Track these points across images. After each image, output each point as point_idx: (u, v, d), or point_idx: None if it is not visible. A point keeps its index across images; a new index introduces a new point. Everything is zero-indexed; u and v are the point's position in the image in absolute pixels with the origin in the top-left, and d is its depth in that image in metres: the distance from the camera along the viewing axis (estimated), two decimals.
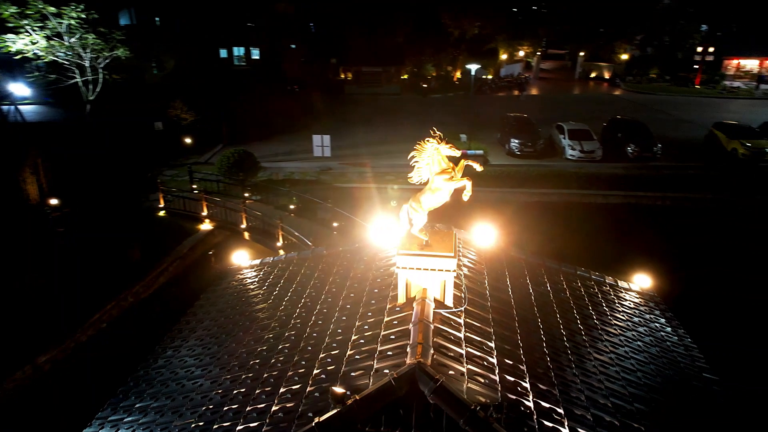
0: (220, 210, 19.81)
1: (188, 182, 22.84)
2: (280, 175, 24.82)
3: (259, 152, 24.83)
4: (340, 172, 26.58)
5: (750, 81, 48.81)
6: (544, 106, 42.91)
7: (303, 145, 29.94)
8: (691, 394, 6.68)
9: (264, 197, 22.04)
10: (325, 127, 31.08)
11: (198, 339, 7.49)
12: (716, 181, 24.51)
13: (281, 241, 17.42)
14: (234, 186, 22.38)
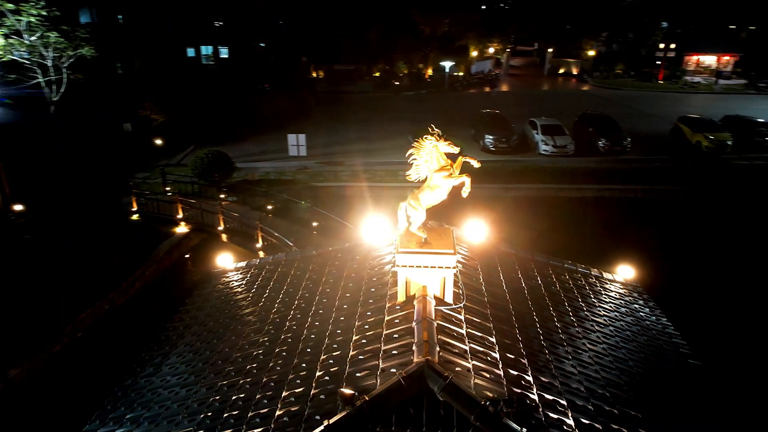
0: (195, 212, 19.38)
1: (161, 184, 22.26)
2: (255, 176, 24.44)
3: (233, 152, 24.40)
4: (317, 171, 26.37)
5: (709, 76, 50.64)
6: (515, 102, 43.52)
7: (277, 145, 29.59)
8: (678, 380, 6.89)
9: (240, 198, 21.68)
10: (299, 126, 30.76)
11: (188, 345, 7.30)
12: (684, 173, 25.32)
13: (260, 242, 17.17)
14: (209, 187, 21.94)
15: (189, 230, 19.41)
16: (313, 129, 29.74)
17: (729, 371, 7.66)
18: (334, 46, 49.83)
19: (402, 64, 54.00)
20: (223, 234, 18.54)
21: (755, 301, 14.93)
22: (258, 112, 37.70)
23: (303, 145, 26.48)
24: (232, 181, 22.89)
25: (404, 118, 37.53)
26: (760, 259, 18.32)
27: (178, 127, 30.53)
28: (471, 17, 64.15)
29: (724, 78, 49.83)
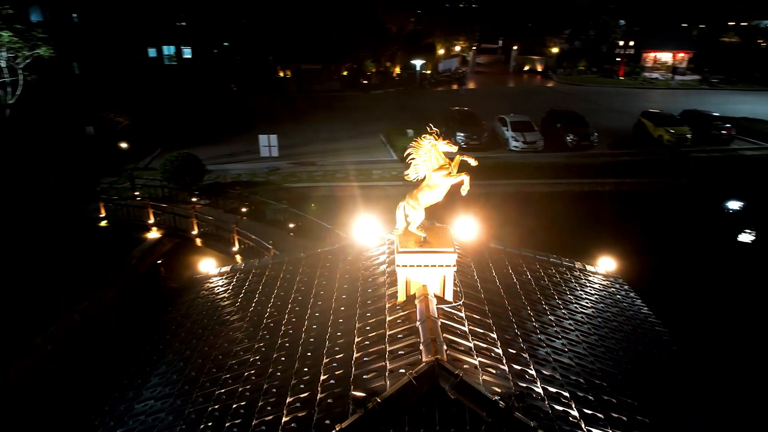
0: (167, 217, 18.88)
1: (129, 189, 21.60)
2: (227, 178, 23.96)
3: (202, 155, 23.83)
4: (290, 172, 26.08)
5: (666, 72, 52.55)
6: (483, 99, 44.10)
7: (247, 146, 29.15)
8: (664, 367, 7.13)
9: (213, 201, 21.23)
10: (268, 126, 30.33)
11: (176, 354, 7.11)
12: (649, 166, 26.22)
13: (237, 245, 16.87)
14: (180, 191, 21.41)
15: (161, 235, 18.91)
16: (282, 129, 29.37)
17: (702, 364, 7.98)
18: (301, 45, 49.35)
19: (370, 63, 53.99)
20: (198, 238, 18.14)
21: (731, 295, 15.46)
22: (226, 114, 37.05)
23: (275, 145, 26.16)
24: (204, 184, 22.39)
25: (375, 117, 37.54)
26: (732, 250, 19.25)
27: (144, 129, 29.66)
28: (436, 15, 64.78)
29: (679, 74, 51.80)
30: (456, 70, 58.35)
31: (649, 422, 5.25)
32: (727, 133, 29.09)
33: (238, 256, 16.69)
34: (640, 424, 5.19)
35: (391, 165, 27.41)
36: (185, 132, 30.58)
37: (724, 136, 29.04)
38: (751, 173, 25.65)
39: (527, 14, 61.60)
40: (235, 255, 16.70)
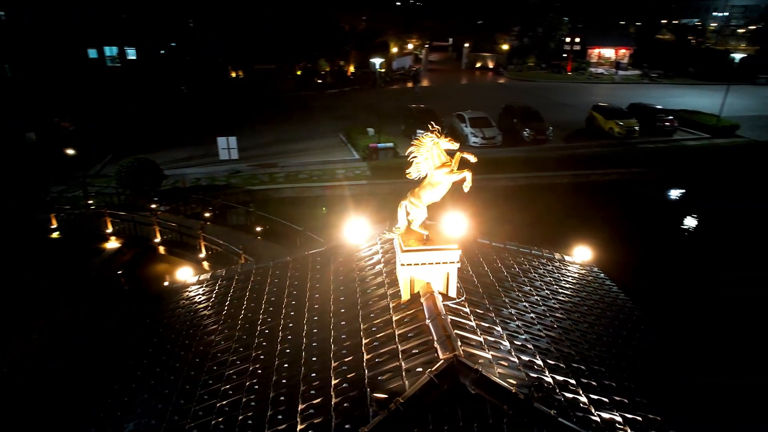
0: (126, 225, 18.07)
1: (82, 198, 20.51)
2: (186, 182, 23.17)
3: (157, 159, 22.99)
4: (251, 174, 25.51)
5: (610, 68, 54.96)
6: (438, 96, 44.67)
7: (203, 149, 28.34)
8: (646, 351, 7.45)
9: (173, 207, 20.50)
10: (223, 128, 29.51)
11: (165, 368, 6.81)
12: (603, 158, 27.31)
13: (204, 252, 16.35)
14: (137, 197, 20.54)
15: (121, 245, 18.07)
16: (238, 131, 28.67)
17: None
18: (253, 45, 48.38)
19: (324, 63, 53.57)
20: (161, 246, 17.45)
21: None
22: (177, 116, 35.84)
23: (234, 147, 25.53)
24: (163, 190, 21.57)
25: (332, 116, 37.30)
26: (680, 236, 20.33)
27: (93, 134, 28.25)
28: (387, 14, 64.97)
29: (622, 69, 54.32)
30: (410, 68, 58.81)
31: (647, 402, 5.48)
32: (671, 125, 30.76)
33: (206, 263, 16.19)
34: (639, 405, 5.41)
35: (354, 164, 27.31)
36: (138, 136, 29.38)
37: (668, 128, 30.69)
38: (694, 162, 27.20)
39: (476, 12, 62.78)
40: (202, 262, 16.19)
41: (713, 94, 43.08)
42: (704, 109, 34.67)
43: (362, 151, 28.10)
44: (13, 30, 44.89)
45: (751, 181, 25.34)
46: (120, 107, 35.11)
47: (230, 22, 49.31)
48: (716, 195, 24.67)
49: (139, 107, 34.07)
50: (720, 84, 45.59)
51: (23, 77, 44.48)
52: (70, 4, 46.65)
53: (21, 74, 45.35)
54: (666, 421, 5.37)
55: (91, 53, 53.30)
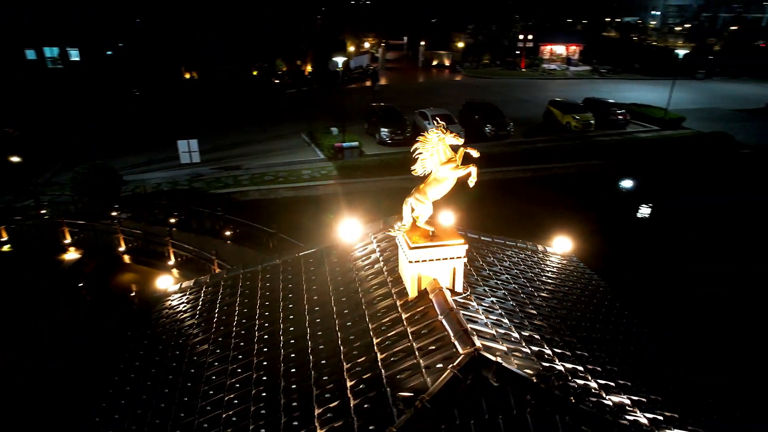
0: (87, 234, 17.25)
1: (34, 207, 19.39)
2: (147, 188, 22.31)
3: (113, 165, 22.04)
4: (214, 178, 24.86)
5: (562, 64, 56.80)
6: (398, 94, 44.90)
7: (162, 153, 27.41)
8: (631, 335, 7.75)
9: (135, 214, 19.70)
10: (181, 131, 28.59)
11: (156, 381, 6.53)
12: (562, 151, 28.19)
13: (173, 258, 15.81)
14: (96, 205, 19.59)
15: (81, 255, 17.23)
16: (197, 133, 27.90)
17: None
18: (207, 45, 47.09)
19: (280, 62, 52.81)
20: (126, 255, 16.75)
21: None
22: (132, 120, 34.45)
23: (195, 151, 24.80)
24: (123, 196, 20.68)
25: (293, 116, 36.86)
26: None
27: (41, 141, 26.74)
28: (342, 12, 64.76)
29: (573, 65, 56.24)
30: (367, 66, 58.80)
31: (647, 384, 5.70)
32: (623, 118, 32.11)
33: (176, 270, 15.66)
34: (641, 387, 5.61)
35: (320, 164, 27.09)
36: (90, 141, 28.06)
37: (621, 121, 32.02)
38: (649, 154, 28.50)
39: (432, 10, 63.54)
40: (172, 269, 15.64)
41: (658, 89, 45.27)
42: (651, 103, 36.38)
43: (327, 150, 27.90)
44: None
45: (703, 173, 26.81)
46: (66, 111, 33.33)
47: (181, 22, 47.81)
48: (671, 186, 25.96)
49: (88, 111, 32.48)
50: (663, 79, 48.04)
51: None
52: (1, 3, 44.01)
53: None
54: (666, 401, 5.60)
55: (29, 54, 50.49)
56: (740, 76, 53.73)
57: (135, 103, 40.70)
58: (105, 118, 34.44)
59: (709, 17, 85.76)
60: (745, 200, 23.92)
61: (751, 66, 54.61)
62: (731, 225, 21.68)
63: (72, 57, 51.88)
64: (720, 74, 53.19)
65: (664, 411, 5.39)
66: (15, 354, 12.24)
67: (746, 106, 40.16)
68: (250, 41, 48.35)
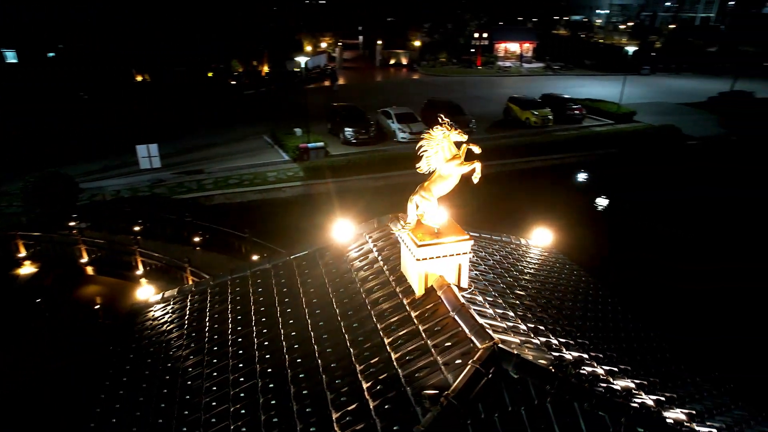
0: (43, 247, 16.33)
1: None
2: (107, 196, 21.36)
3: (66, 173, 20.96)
4: (176, 183, 24.07)
5: (516, 61, 58.23)
6: (358, 94, 44.81)
7: (119, 158, 26.30)
8: (618, 323, 8.04)
9: (94, 223, 18.80)
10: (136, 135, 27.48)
11: (150, 397, 6.26)
12: (525, 147, 28.87)
13: (141, 268, 15.19)
14: (51, 215, 18.57)
15: (38, 269, 16.30)
16: (154, 137, 26.93)
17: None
18: (157, 47, 45.45)
19: (236, 63, 51.67)
20: (88, 266, 15.97)
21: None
22: (82, 125, 32.86)
23: (156, 156, 23.91)
24: (81, 205, 19.71)
25: (253, 118, 36.16)
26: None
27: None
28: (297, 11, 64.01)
29: (526, 62, 57.76)
30: (325, 66, 58.37)
31: (644, 368, 5.92)
32: (579, 113, 33.25)
33: (145, 280, 15.06)
34: (639, 370, 5.83)
35: (285, 166, 26.70)
36: (37, 148, 26.57)
37: (577, 116, 33.15)
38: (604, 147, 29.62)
39: (387, 9, 63.68)
40: (140, 279, 15.03)
41: (607, 84, 47.14)
42: (603, 98, 37.85)
43: (292, 152, 27.52)
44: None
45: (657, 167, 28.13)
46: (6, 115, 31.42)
47: (128, 23, 45.96)
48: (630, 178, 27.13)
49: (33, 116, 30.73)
50: (612, 74, 50.04)
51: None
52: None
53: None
54: (663, 383, 5.83)
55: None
56: (681, 72, 56.74)
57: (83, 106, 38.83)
58: (52, 122, 32.69)
59: (649, 16, 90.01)
60: (707, 192, 25.14)
61: (689, 62, 57.77)
62: (697, 217, 22.73)
63: (8, 59, 49.03)
64: (663, 70, 55.96)
65: (664, 392, 5.62)
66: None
67: (689, 99, 42.41)
68: (204, 42, 47.03)
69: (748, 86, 41.87)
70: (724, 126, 34.77)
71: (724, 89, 41.31)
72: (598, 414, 4.39)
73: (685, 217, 22.67)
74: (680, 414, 5.20)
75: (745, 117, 35.45)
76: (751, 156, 29.58)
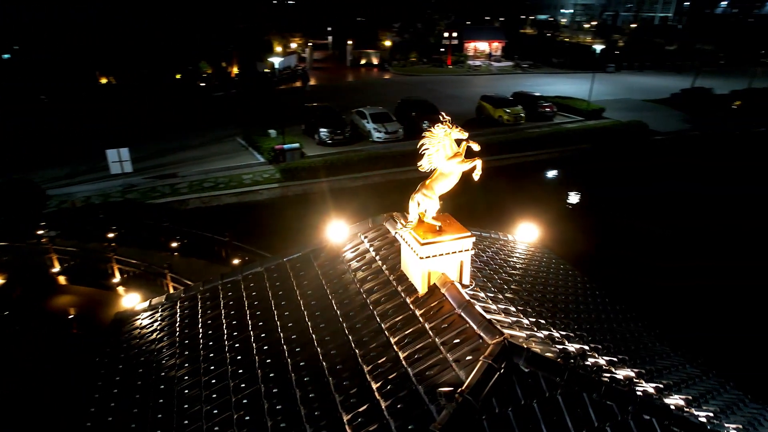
0: (10, 256, 15.69)
1: None
2: (77, 202, 20.65)
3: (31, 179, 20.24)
4: (149, 188, 23.46)
5: (486, 60, 58.98)
6: (329, 94, 44.58)
7: (86, 164, 25.48)
8: (608, 312, 8.23)
9: (65, 231, 18.16)
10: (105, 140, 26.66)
11: (149, 408, 6.08)
12: (499, 145, 29.23)
13: (118, 276, 14.75)
14: (17, 224, 17.84)
15: (5, 280, 15.63)
16: (123, 141, 26.18)
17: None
18: (123, 45, 44.20)
19: (205, 64, 50.70)
20: (61, 276, 15.41)
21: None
22: (44, 129, 31.68)
23: (127, 160, 23.24)
24: (49, 212, 19.00)
25: (225, 120, 35.55)
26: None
27: None
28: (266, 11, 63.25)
29: (495, 61, 58.58)
30: (296, 67, 57.86)
31: (640, 357, 6.08)
32: (550, 110, 33.91)
33: (122, 288, 14.63)
34: (636, 359, 5.97)
35: (261, 168, 26.36)
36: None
37: (549, 113, 33.79)
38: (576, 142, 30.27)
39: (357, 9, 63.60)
40: (117, 287, 14.60)
41: (575, 81, 48.22)
42: (572, 95, 38.71)
43: (267, 153, 27.18)
44: None
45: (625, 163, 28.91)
46: None
47: (90, 23, 44.56)
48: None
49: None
50: (579, 72, 51.21)
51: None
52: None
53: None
54: (658, 371, 6.00)
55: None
56: (644, 69, 58.56)
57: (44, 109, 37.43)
58: (12, 127, 31.41)
59: (612, 15, 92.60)
60: (676, 188, 25.93)
61: (651, 60, 59.70)
62: (668, 213, 23.37)
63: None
64: (627, 68, 57.65)
65: (660, 380, 5.78)
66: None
67: (653, 96, 43.80)
68: (169, 43, 45.97)
69: (708, 83, 43.51)
70: (689, 121, 36.10)
71: (686, 86, 42.83)
72: (606, 403, 4.48)
73: (657, 213, 23.33)
74: (679, 400, 5.36)
75: (708, 113, 36.86)
76: (714, 151, 30.77)
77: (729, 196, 24.53)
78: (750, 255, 18.56)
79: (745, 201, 24.18)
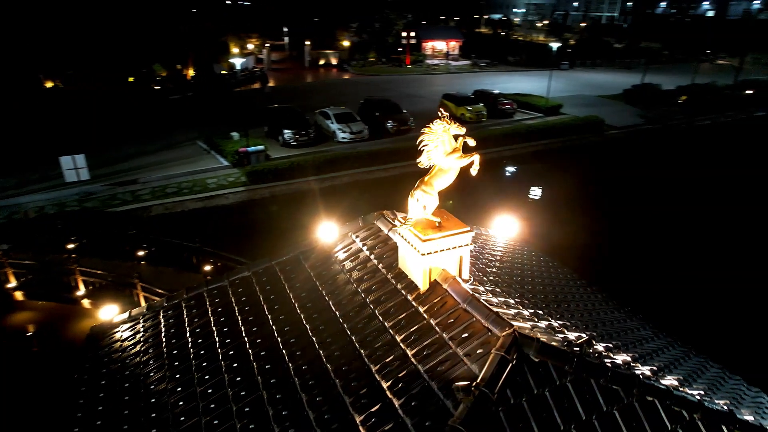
0: None
1: None
2: (30, 213, 19.57)
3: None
4: (108, 195, 22.53)
5: (444, 59, 59.71)
6: (289, 95, 44.09)
7: (36, 172, 24.18)
8: (595, 303, 8.47)
9: (16, 243, 17.17)
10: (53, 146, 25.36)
11: (140, 427, 5.82)
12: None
13: (83, 288, 14.07)
14: None
15: None
16: (77, 148, 25.00)
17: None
18: (71, 47, 42.18)
19: (159, 67, 49.10)
20: (17, 291, 14.56)
21: None
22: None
23: (83, 167, 22.20)
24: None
25: (181, 123, 34.55)
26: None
27: None
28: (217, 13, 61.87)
29: (453, 60, 59.40)
30: (253, 68, 56.85)
31: (634, 342, 6.28)
32: (511, 107, 34.67)
33: (87, 301, 13.97)
34: (629, 344, 6.17)
35: (225, 171, 25.77)
36: None
37: (509, 110, 34.54)
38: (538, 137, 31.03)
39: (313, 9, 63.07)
40: (82, 300, 13.92)
41: (531, 79, 49.49)
42: (530, 92, 39.72)
43: (231, 156, 26.59)
44: None
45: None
46: None
47: (34, 23, 42.28)
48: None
49: None
50: (535, 70, 52.57)
51: None
52: None
53: None
54: (651, 355, 6.21)
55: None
56: (596, 66, 60.77)
57: None
58: None
59: (562, 15, 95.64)
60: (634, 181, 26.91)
61: (602, 58, 62.02)
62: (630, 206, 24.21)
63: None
64: (580, 65, 59.66)
65: (653, 362, 5.99)
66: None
67: (606, 92, 45.54)
68: (118, 44, 44.23)
69: (656, 79, 45.59)
70: (642, 116, 37.70)
71: (636, 82, 44.72)
72: (613, 388, 4.61)
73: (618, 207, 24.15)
74: (673, 381, 5.57)
75: (657, 107, 38.59)
76: (667, 143, 32.26)
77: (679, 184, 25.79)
78: (696, 233, 19.68)
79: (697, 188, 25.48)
